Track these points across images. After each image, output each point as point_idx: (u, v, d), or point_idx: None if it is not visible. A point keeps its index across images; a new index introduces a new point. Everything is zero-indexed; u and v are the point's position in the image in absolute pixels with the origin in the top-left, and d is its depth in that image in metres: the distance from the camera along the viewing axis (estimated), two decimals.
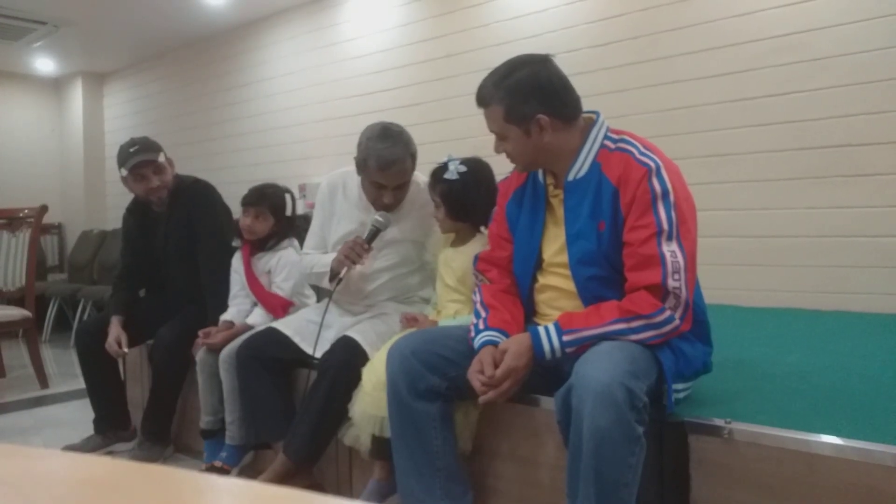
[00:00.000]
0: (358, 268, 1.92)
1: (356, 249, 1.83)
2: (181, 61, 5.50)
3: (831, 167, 2.61)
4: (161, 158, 2.36)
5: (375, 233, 1.88)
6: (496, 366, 1.37)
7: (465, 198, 1.77)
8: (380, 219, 1.88)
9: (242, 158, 5.03)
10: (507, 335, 1.44)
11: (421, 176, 2.02)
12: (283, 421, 1.88)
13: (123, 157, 2.33)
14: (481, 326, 1.48)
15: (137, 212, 2.51)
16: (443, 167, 1.80)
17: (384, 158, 1.81)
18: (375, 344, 1.84)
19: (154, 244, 2.48)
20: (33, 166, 6.20)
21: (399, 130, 1.89)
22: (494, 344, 1.42)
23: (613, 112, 1.51)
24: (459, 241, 1.86)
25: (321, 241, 2.10)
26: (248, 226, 2.24)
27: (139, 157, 2.30)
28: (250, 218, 2.24)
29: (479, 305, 1.54)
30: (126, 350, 2.33)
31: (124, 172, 2.33)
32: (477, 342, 1.45)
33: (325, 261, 1.98)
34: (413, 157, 1.90)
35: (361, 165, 1.89)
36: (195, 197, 2.42)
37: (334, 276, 1.93)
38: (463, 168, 1.77)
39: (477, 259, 1.65)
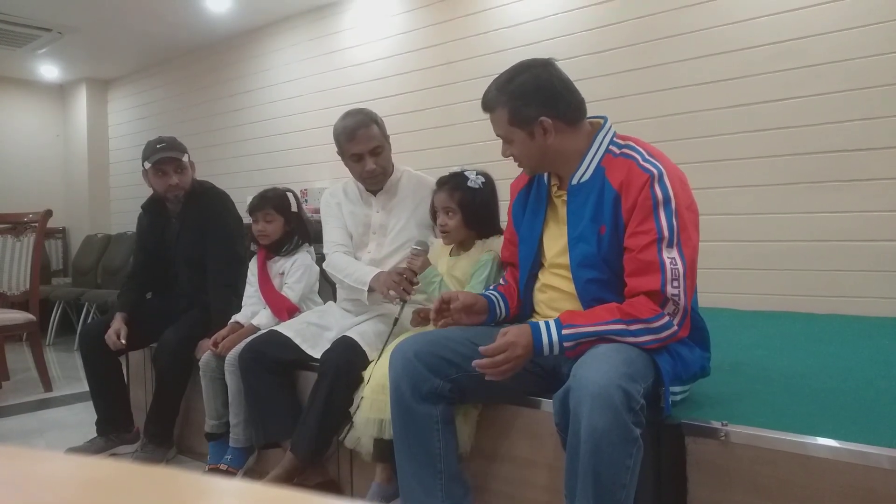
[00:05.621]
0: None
1: (402, 285, 1.78)
2: (184, 68, 5.54)
3: (827, 173, 2.63)
4: (185, 159, 2.43)
5: None
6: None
7: (485, 208, 1.81)
8: (418, 247, 1.85)
9: (244, 164, 5.06)
10: (506, 300, 1.61)
11: (409, 168, 2.17)
12: (290, 419, 1.91)
13: (149, 151, 2.39)
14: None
15: (152, 210, 2.55)
16: (460, 176, 1.81)
17: (348, 127, 2.01)
18: (374, 344, 1.87)
19: (165, 244, 2.51)
20: (38, 171, 6.23)
21: (360, 108, 2.08)
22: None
23: (612, 118, 1.52)
24: (461, 248, 1.87)
25: (342, 233, 2.13)
26: (260, 230, 2.31)
27: (164, 154, 2.37)
28: (260, 223, 2.30)
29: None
30: (124, 342, 2.34)
31: (147, 166, 2.39)
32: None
33: (360, 277, 1.95)
34: (377, 122, 2.05)
35: (338, 149, 2.06)
36: (209, 203, 2.47)
37: (371, 291, 1.93)
38: (482, 178, 1.81)
39: None
